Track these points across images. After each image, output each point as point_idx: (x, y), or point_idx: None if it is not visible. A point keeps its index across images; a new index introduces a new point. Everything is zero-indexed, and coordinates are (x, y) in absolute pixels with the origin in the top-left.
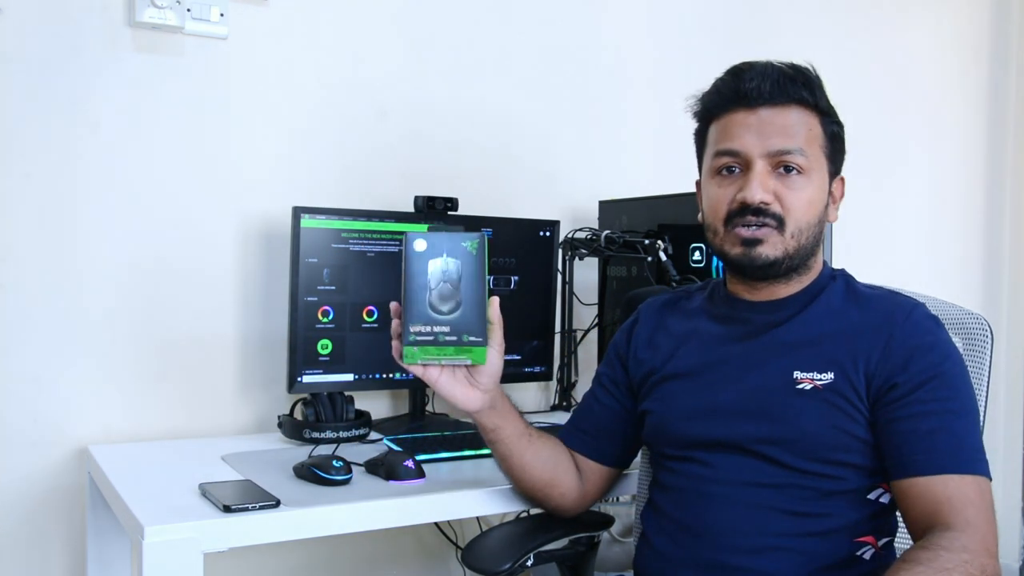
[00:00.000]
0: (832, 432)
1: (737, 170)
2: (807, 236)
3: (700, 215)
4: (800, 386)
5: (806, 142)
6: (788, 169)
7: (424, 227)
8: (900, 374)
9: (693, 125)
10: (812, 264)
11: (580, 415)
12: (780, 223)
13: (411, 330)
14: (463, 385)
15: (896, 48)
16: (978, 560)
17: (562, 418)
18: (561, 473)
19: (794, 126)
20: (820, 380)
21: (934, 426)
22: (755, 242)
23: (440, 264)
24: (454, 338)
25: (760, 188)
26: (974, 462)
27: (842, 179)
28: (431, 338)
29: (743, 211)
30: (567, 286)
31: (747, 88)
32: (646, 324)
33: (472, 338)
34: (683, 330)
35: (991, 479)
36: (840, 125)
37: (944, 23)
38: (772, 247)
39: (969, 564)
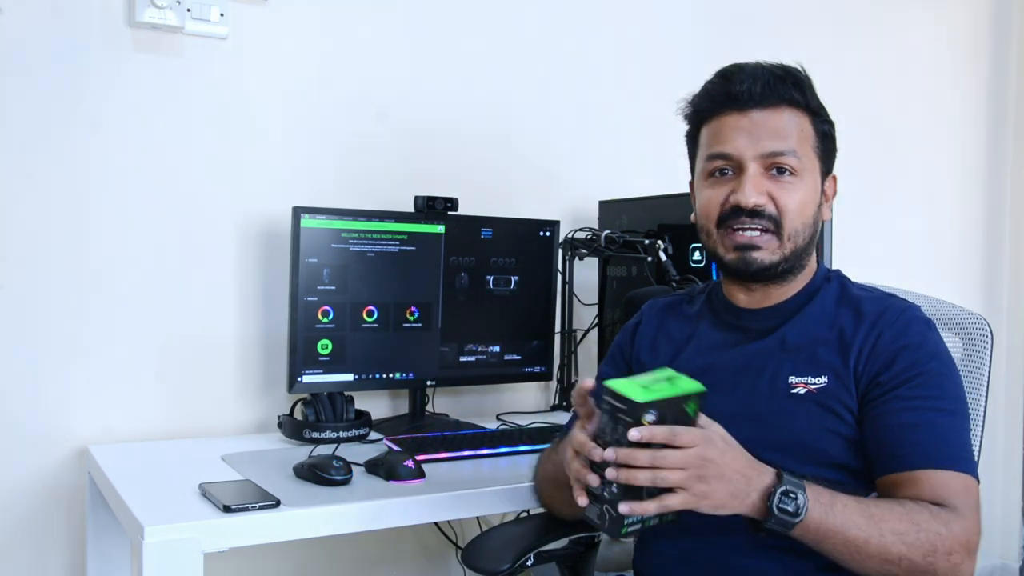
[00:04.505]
0: (826, 436)
1: (730, 172)
2: (803, 237)
3: (693, 216)
4: (794, 390)
5: (798, 143)
6: (781, 171)
7: (624, 384)
8: (885, 372)
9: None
10: (806, 264)
11: None
12: (776, 225)
13: (625, 522)
14: None
15: (896, 48)
16: (951, 544)
17: (562, 418)
18: None
19: (786, 127)
20: (814, 384)
21: (916, 421)
22: (751, 247)
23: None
24: (656, 521)
25: (753, 191)
26: (960, 459)
27: (834, 177)
28: (638, 525)
29: (736, 213)
30: (567, 286)
31: (738, 91)
32: (649, 325)
33: (674, 515)
34: (683, 335)
35: (979, 481)
36: (831, 124)
37: (944, 23)
38: (769, 253)
39: (943, 538)
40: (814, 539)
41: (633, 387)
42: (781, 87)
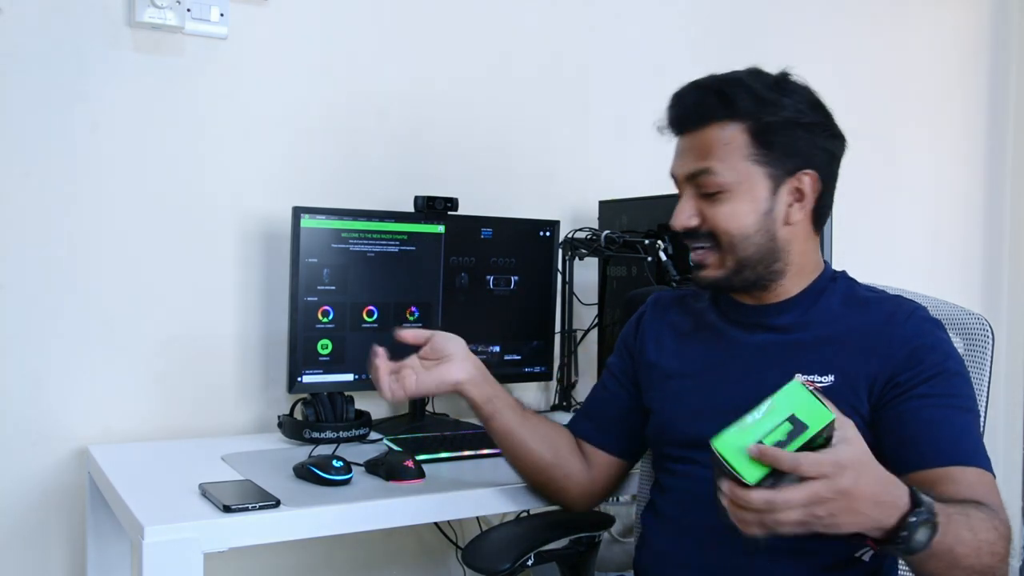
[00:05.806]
0: None
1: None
2: (746, 247)
3: None
4: None
5: (720, 157)
6: (709, 188)
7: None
8: (903, 372)
9: None
10: (784, 269)
11: (588, 404)
12: (714, 241)
13: None
14: (441, 368)
15: (896, 48)
16: (1007, 546)
17: (563, 418)
18: (564, 454)
19: (707, 145)
20: (820, 383)
21: (941, 418)
22: (699, 266)
23: None
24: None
25: (681, 214)
26: (977, 455)
27: (809, 174)
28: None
29: (685, 233)
30: (567, 286)
31: (672, 117)
32: (653, 318)
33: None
34: (688, 329)
35: (995, 477)
36: (784, 119)
37: (944, 23)
38: (713, 269)
39: (1004, 542)
40: (918, 559)
41: (743, 459)
42: (704, 106)
